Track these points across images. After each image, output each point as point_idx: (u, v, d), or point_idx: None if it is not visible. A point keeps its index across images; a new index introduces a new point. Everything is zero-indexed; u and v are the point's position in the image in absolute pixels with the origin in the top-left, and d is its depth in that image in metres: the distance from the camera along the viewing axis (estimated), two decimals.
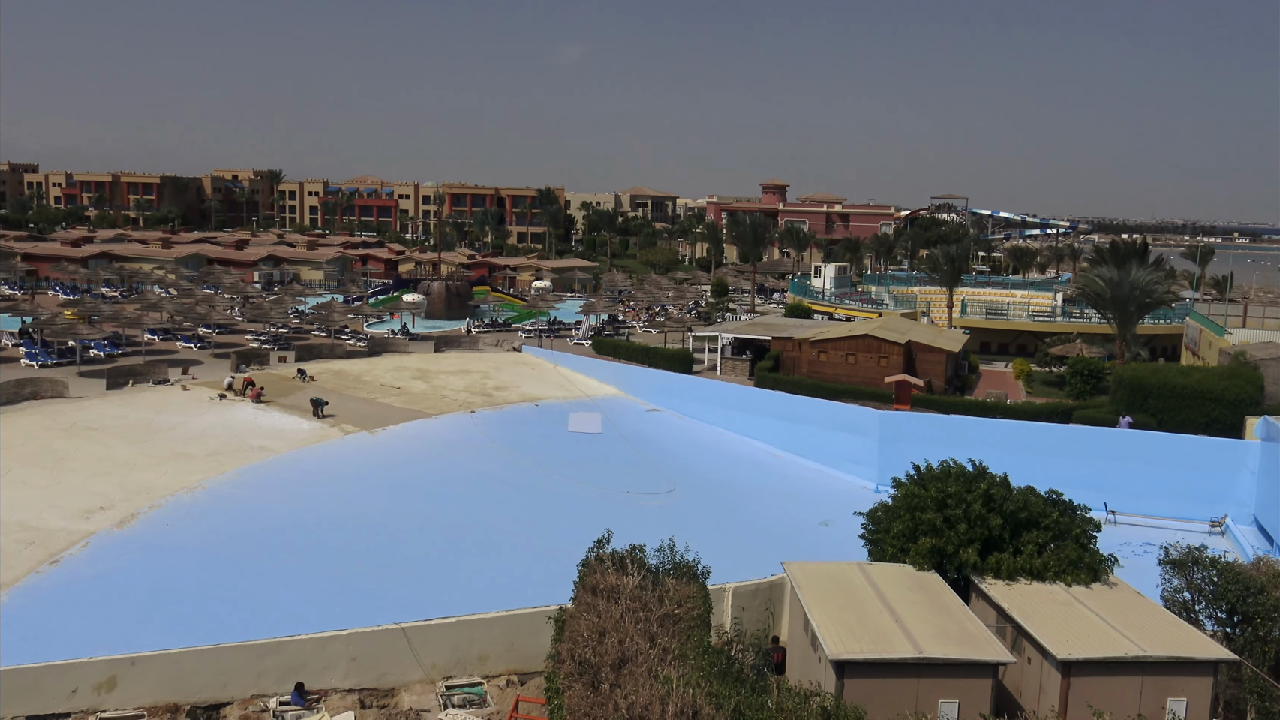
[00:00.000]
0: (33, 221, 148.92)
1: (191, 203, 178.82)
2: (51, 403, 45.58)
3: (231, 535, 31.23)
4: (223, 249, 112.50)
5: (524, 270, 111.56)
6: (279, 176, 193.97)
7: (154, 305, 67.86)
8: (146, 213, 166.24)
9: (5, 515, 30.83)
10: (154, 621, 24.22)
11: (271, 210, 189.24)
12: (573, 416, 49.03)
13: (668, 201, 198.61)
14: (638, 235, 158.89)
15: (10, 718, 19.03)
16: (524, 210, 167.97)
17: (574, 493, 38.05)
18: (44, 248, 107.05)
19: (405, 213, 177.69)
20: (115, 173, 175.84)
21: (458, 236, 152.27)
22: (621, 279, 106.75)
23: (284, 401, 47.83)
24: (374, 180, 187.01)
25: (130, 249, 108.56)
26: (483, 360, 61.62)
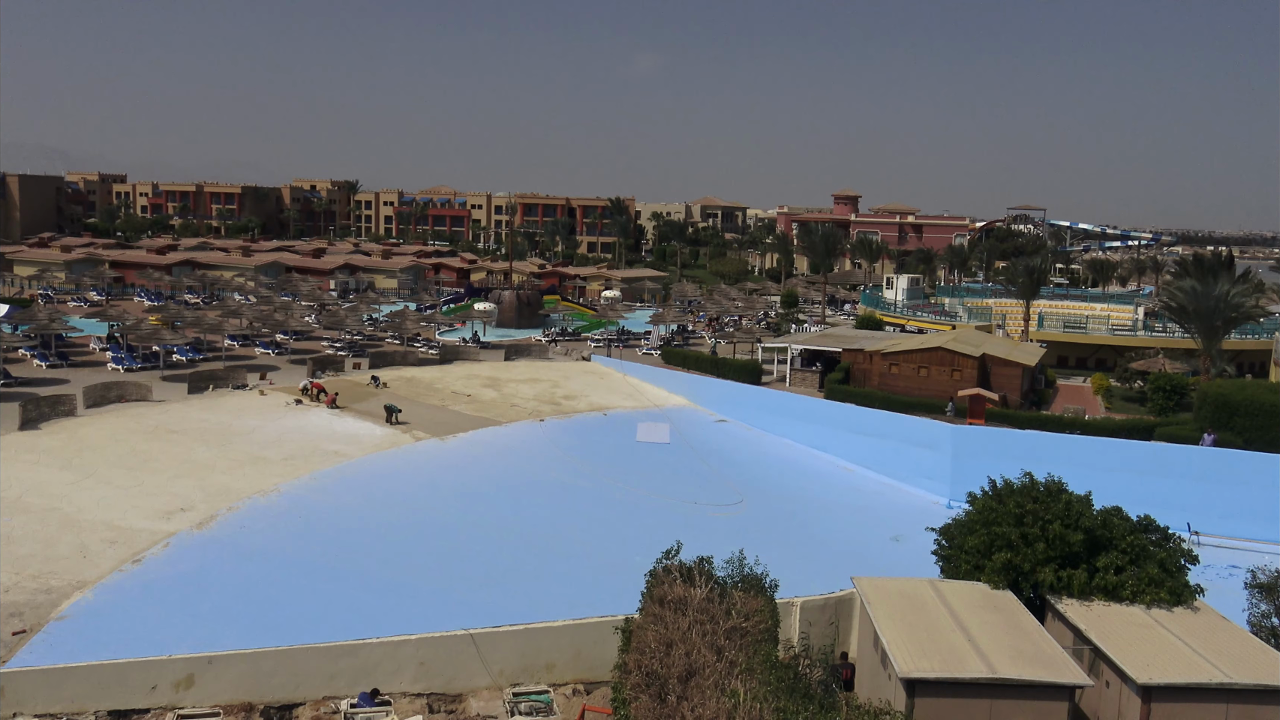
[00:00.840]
0: (120, 230, 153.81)
1: (271, 212, 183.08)
2: (136, 406, 46.97)
3: (305, 538, 31.81)
4: (300, 257, 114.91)
5: (594, 280, 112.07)
6: (356, 187, 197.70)
7: (234, 312, 69.56)
8: (228, 222, 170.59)
9: (91, 515, 31.82)
10: (231, 621, 24.75)
11: (348, 220, 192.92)
12: (641, 426, 49.06)
13: (738, 212, 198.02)
14: (707, 246, 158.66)
15: (93, 712, 19.60)
16: (594, 220, 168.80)
17: (641, 503, 38.03)
18: (131, 255, 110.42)
19: (477, 222, 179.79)
20: (199, 183, 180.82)
21: (529, 246, 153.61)
22: (691, 289, 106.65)
23: (358, 407, 48.65)
24: (447, 190, 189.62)
25: (212, 257, 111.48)
26: (552, 369, 62.01)
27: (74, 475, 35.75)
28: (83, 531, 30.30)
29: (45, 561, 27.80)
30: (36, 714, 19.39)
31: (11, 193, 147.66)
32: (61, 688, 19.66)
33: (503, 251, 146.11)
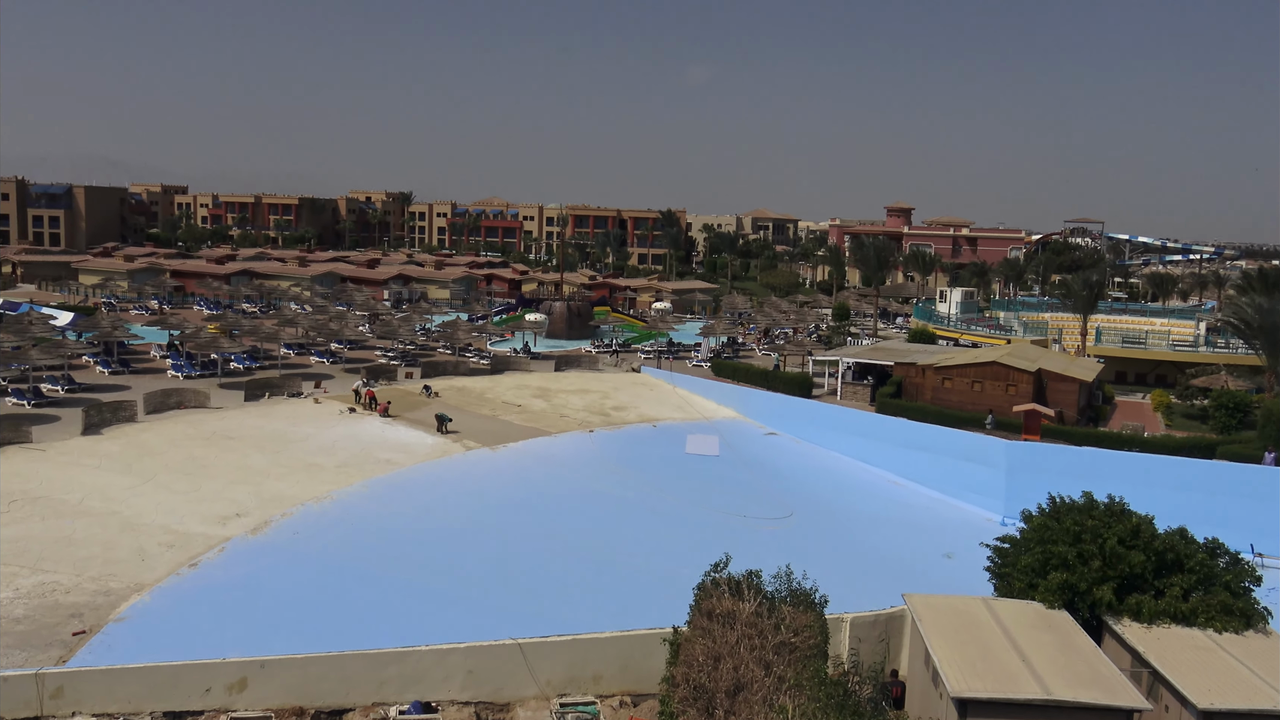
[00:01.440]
0: (181, 240, 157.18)
1: (327, 223, 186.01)
2: (194, 412, 47.87)
3: (357, 545, 32.15)
4: (355, 268, 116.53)
5: (644, 291, 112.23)
6: (409, 198, 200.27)
7: (290, 321, 70.67)
8: (285, 232, 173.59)
9: (150, 519, 32.45)
10: (283, 626, 25.07)
11: (402, 231, 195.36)
12: (690, 438, 48.96)
13: (789, 224, 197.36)
14: (758, 258, 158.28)
15: (149, 712, 19.94)
16: (645, 232, 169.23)
17: (690, 515, 37.92)
18: (191, 265, 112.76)
19: (529, 234, 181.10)
20: (257, 194, 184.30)
21: (580, 257, 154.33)
22: (741, 301, 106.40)
23: (410, 416, 49.13)
24: (500, 202, 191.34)
25: (269, 267, 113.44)
26: (602, 380, 62.14)
27: (134, 480, 36.50)
28: (141, 535, 30.91)
29: (105, 564, 28.40)
30: (95, 713, 19.77)
31: (78, 204, 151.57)
32: (119, 688, 20.03)
33: (554, 263, 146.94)
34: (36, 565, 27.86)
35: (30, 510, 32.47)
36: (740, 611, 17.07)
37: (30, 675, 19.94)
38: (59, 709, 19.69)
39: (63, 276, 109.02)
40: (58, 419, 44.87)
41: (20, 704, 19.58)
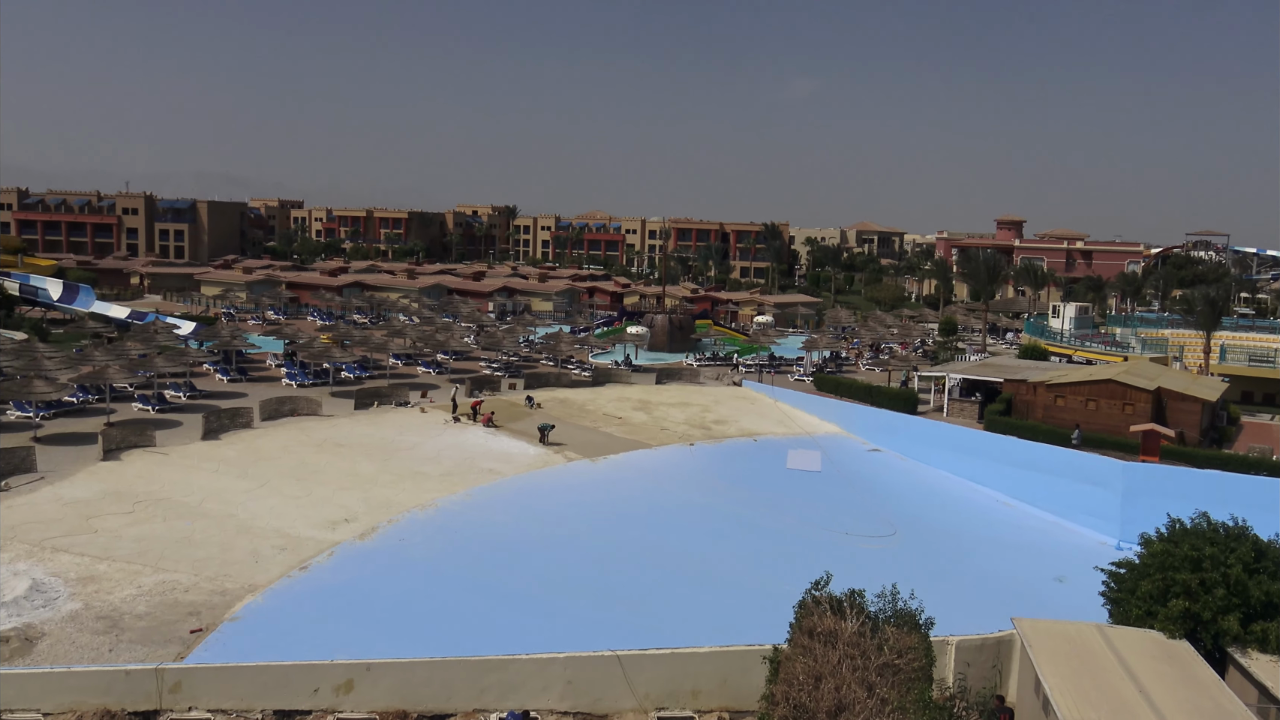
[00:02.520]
0: (297, 253, 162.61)
1: (435, 236, 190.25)
2: (307, 420, 49.37)
3: (460, 552, 32.67)
4: (461, 280, 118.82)
5: (746, 305, 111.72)
6: (515, 212, 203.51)
7: (399, 332, 72.39)
8: (395, 245, 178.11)
9: (264, 522, 33.55)
10: (388, 630, 25.59)
11: (507, 244, 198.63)
12: (791, 453, 48.45)
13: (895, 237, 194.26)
14: (863, 271, 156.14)
15: (260, 710, 20.55)
16: (748, 245, 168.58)
17: (791, 531, 37.49)
18: (305, 277, 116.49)
19: (632, 247, 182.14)
20: (369, 208, 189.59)
21: (682, 270, 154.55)
22: (845, 315, 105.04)
23: (512, 427, 49.78)
24: (603, 215, 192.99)
25: (380, 279, 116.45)
26: (703, 394, 62.00)
27: (249, 484, 37.80)
28: (256, 538, 31.96)
29: (221, 565, 29.43)
30: (210, 709, 20.46)
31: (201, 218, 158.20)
32: (233, 685, 20.70)
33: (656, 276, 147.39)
34: (158, 564, 29.04)
35: (153, 511, 33.90)
36: (842, 630, 16.76)
37: (151, 670, 20.77)
38: (176, 703, 20.44)
39: (186, 288, 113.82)
40: (180, 424, 46.78)
41: (141, 697, 20.40)
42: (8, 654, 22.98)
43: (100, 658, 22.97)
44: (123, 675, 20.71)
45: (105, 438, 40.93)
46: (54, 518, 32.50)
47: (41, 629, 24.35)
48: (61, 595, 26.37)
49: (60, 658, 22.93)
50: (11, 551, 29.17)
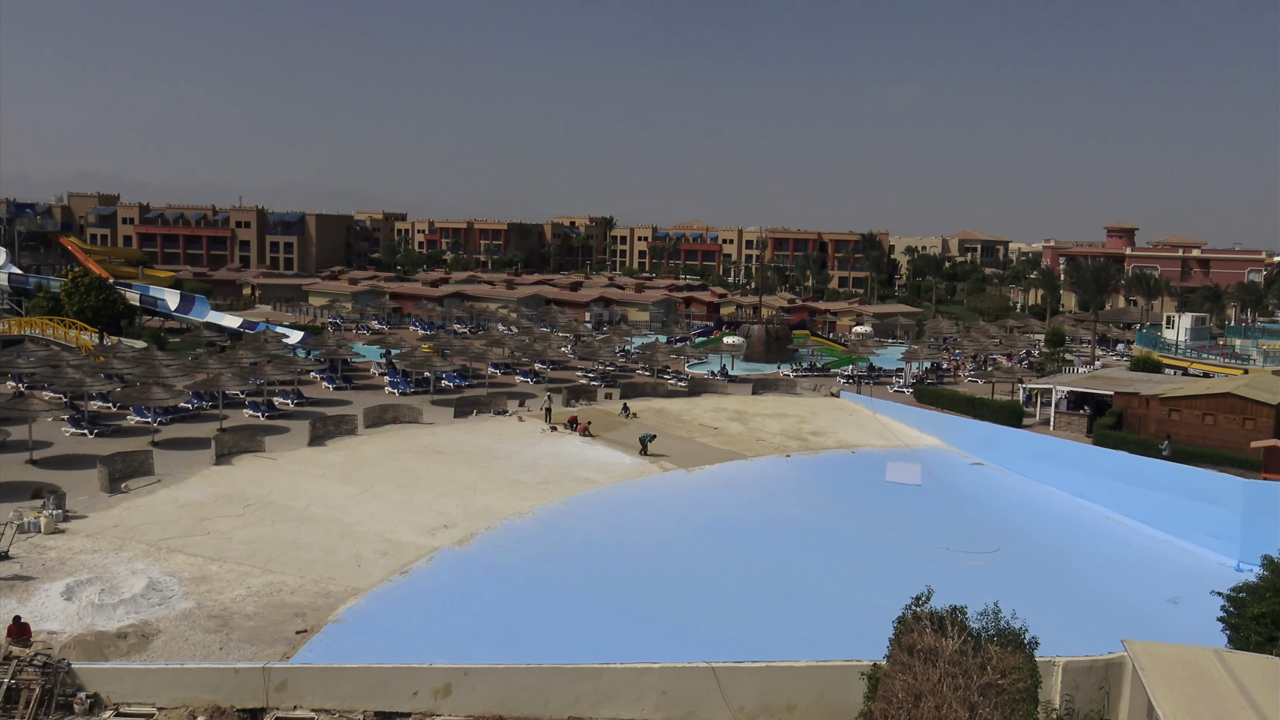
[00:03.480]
0: (400, 264, 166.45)
1: (533, 247, 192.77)
2: (408, 427, 50.44)
3: (557, 560, 32.92)
4: (559, 290, 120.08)
5: (844, 315, 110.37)
6: (612, 222, 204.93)
7: (497, 342, 73.49)
8: (494, 256, 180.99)
9: (366, 527, 34.34)
10: (485, 635, 25.91)
11: (604, 254, 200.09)
12: (891, 466, 47.59)
13: (999, 246, 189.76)
14: (965, 281, 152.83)
15: (362, 711, 20.99)
16: (846, 255, 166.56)
17: (889, 545, 36.80)
18: (408, 287, 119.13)
19: (728, 257, 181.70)
20: (470, 220, 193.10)
21: (778, 280, 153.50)
22: (946, 326, 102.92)
23: (608, 436, 50.03)
24: (699, 225, 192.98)
25: (479, 289, 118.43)
26: (800, 404, 61.41)
27: (353, 489, 38.75)
28: (359, 542, 32.73)
29: (326, 568, 30.21)
30: (314, 708, 20.99)
31: (309, 231, 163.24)
32: (336, 686, 21.19)
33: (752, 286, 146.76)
34: (266, 566, 29.95)
35: (262, 515, 35.00)
36: (943, 648, 16.34)
37: (259, 669, 21.41)
38: (282, 701, 21.02)
39: (294, 298, 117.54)
40: (287, 430, 48.26)
41: (249, 694, 21.04)
42: (125, 649, 23.96)
43: (211, 655, 23.78)
44: (232, 673, 21.41)
45: (218, 443, 42.46)
46: (170, 519, 33.82)
47: (157, 626, 25.33)
48: (176, 594, 27.40)
49: (174, 654, 23.82)
50: (131, 551, 30.44)
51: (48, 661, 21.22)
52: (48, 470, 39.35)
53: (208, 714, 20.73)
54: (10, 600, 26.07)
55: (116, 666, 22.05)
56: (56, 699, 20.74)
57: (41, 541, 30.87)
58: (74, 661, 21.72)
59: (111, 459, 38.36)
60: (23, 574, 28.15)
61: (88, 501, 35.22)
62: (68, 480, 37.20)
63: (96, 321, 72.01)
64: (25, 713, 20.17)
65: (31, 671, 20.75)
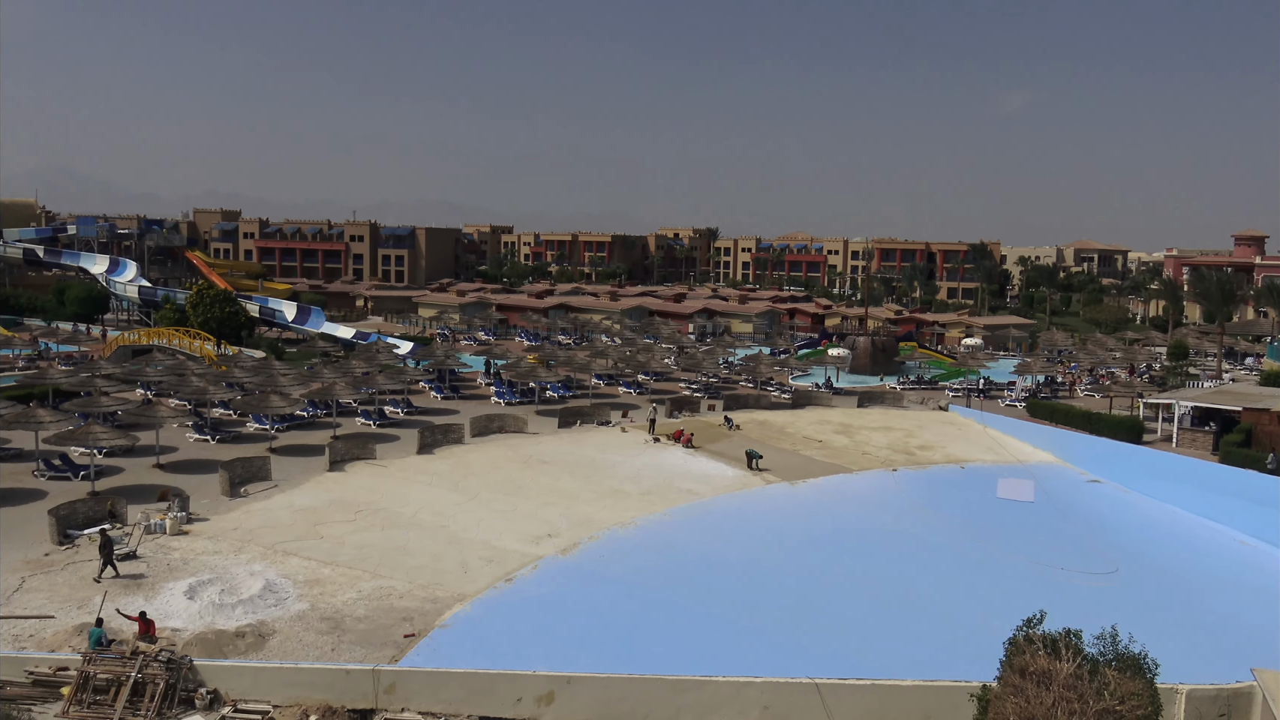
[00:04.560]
0: (506, 276, 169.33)
1: (637, 259, 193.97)
2: (513, 437, 51.16)
3: (658, 571, 32.92)
4: (662, 302, 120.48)
5: (953, 327, 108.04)
6: (715, 234, 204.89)
7: (601, 353, 74.02)
8: (599, 268, 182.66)
9: (472, 534, 34.92)
10: (588, 644, 26.05)
11: (707, 265, 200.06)
12: (1002, 482, 46.27)
13: (1117, 255, 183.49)
14: (1081, 292, 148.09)
15: (466, 715, 21.32)
16: (955, 265, 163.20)
17: (999, 563, 35.76)
18: (514, 299, 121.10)
19: (833, 268, 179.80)
20: (574, 233, 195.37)
21: (885, 291, 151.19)
22: (1061, 338, 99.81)
23: (711, 448, 49.88)
24: (804, 236, 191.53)
25: (583, 301, 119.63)
26: (907, 418, 60.27)
27: (460, 497, 39.47)
28: (465, 549, 33.29)
29: (433, 573, 30.81)
30: (421, 711, 21.40)
31: (419, 244, 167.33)
32: (442, 690, 21.58)
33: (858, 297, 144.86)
34: (376, 570, 30.70)
35: (372, 520, 35.91)
36: (1057, 672, 15.80)
37: (369, 671, 21.96)
38: (390, 704, 21.49)
39: (404, 309, 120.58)
40: (397, 438, 49.44)
41: (359, 695, 21.58)
42: (243, 648, 24.83)
43: (323, 656, 24.46)
44: (344, 674, 22.00)
45: (331, 450, 43.75)
46: (286, 523, 34.96)
47: (273, 626, 26.18)
48: (291, 596, 28.29)
49: (288, 654, 24.57)
50: (249, 553, 31.56)
51: (171, 657, 22.14)
52: (173, 474, 41.12)
53: (320, 713, 21.33)
54: (137, 598, 27.27)
55: (235, 664, 22.90)
56: (179, 694, 21.62)
57: (167, 542, 32.25)
58: (195, 658, 22.62)
59: (232, 464, 39.88)
60: (149, 573, 29.44)
61: (209, 505, 36.66)
62: (191, 484, 38.79)
63: (219, 332, 75.05)
64: (150, 706, 21.06)
65: (156, 667, 21.67)
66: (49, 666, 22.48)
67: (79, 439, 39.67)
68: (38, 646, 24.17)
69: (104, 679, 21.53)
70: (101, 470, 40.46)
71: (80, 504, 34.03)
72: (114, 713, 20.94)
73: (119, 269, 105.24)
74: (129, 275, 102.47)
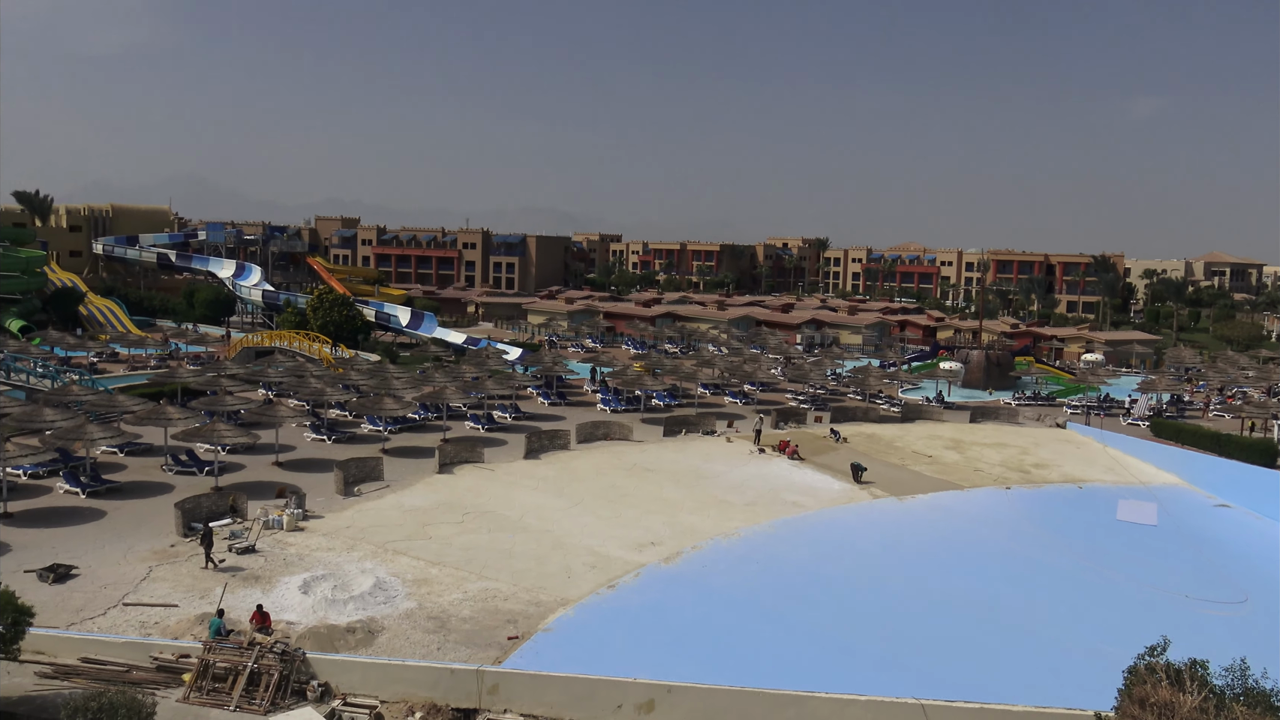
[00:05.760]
0: (614, 284, 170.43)
1: (745, 268, 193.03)
2: (618, 444, 51.39)
3: (761, 583, 32.62)
4: (770, 312, 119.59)
5: (1072, 341, 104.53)
6: (825, 244, 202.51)
7: (707, 362, 73.86)
8: (706, 277, 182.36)
9: (576, 539, 35.17)
10: (688, 654, 25.95)
11: (816, 276, 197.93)
12: (1122, 503, 44.53)
13: (1251, 269, 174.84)
14: (1211, 307, 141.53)
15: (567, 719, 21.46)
16: (1076, 278, 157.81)
17: (1118, 589, 34.37)
18: (621, 307, 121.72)
19: (946, 279, 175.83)
20: (683, 242, 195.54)
21: (1000, 304, 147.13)
22: (1189, 355, 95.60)
23: (817, 460, 49.26)
24: (916, 247, 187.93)
25: (690, 310, 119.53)
26: (1021, 435, 58.51)
27: (564, 503, 39.82)
28: (569, 554, 33.56)
29: (537, 577, 31.13)
30: (522, 713, 21.63)
31: (530, 252, 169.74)
32: (544, 693, 21.77)
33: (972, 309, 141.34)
34: (482, 572, 31.18)
35: (479, 523, 36.50)
36: (1180, 704, 15.06)
37: (473, 671, 22.30)
38: (493, 704, 21.78)
39: (514, 316, 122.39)
40: (505, 443, 50.18)
41: (464, 695, 21.93)
42: (354, 643, 25.48)
43: (429, 654, 24.93)
44: (449, 673, 22.39)
45: (441, 453, 44.65)
46: (396, 523, 35.80)
47: (382, 623, 26.81)
48: (400, 594, 28.93)
49: (396, 651, 25.12)
50: (361, 551, 32.42)
51: (286, 650, 22.86)
52: (290, 472, 42.53)
53: (425, 710, 21.73)
54: (255, 591, 28.26)
55: (346, 659, 23.52)
56: (292, 685, 22.30)
57: (283, 538, 33.35)
58: (308, 651, 23.31)
59: (346, 464, 41.06)
60: (266, 567, 30.49)
61: (324, 502, 37.79)
62: (308, 482, 40.05)
63: (337, 336, 77.41)
64: (265, 696, 21.78)
65: (272, 658, 22.41)
66: (172, 653, 23.47)
67: (204, 436, 41.37)
68: (162, 633, 25.26)
69: (223, 667, 22.37)
70: (224, 466, 42.11)
71: (204, 498, 35.46)
72: (231, 701, 21.72)
73: (244, 273, 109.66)
74: (254, 279, 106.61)
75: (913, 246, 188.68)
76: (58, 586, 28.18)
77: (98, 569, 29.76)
